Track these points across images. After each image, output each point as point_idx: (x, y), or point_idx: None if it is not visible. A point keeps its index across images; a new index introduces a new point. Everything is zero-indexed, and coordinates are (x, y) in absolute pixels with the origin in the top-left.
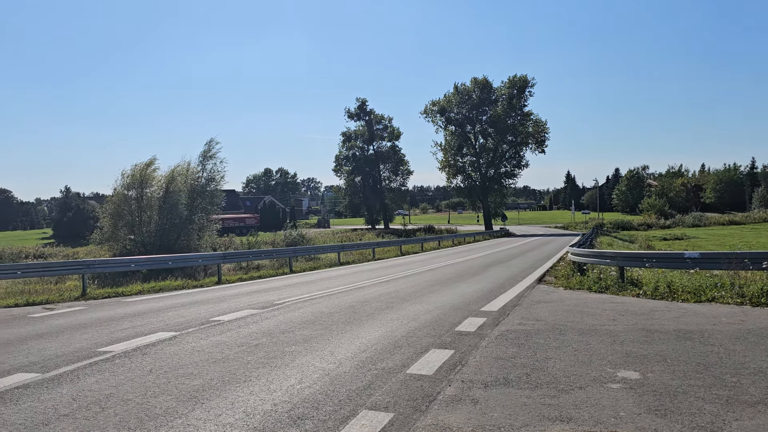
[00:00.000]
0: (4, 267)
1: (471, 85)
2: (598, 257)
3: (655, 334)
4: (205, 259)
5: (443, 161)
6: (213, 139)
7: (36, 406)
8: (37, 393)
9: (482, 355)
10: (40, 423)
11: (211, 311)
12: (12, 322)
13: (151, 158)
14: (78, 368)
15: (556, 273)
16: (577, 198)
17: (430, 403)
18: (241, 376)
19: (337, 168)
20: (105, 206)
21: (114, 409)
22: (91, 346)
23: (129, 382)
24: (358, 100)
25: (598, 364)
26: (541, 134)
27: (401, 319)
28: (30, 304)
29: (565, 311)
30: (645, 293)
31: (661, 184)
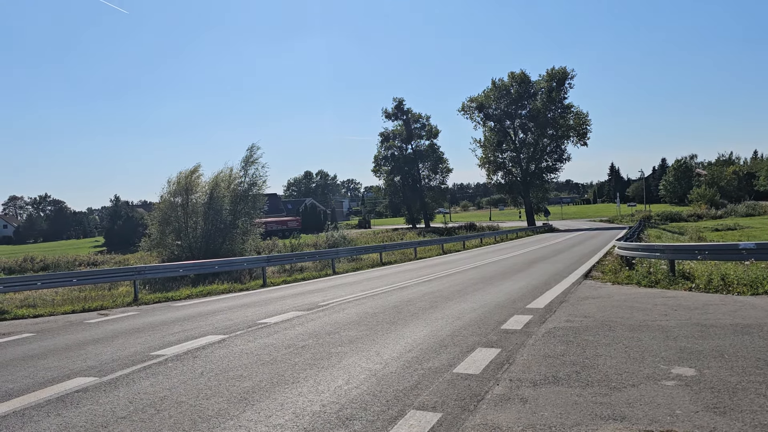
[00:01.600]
0: (60, 275)
1: (508, 79)
2: (647, 251)
3: (710, 328)
4: (250, 262)
5: (483, 158)
6: (254, 145)
7: (95, 408)
8: (95, 396)
9: (530, 353)
10: (99, 425)
11: (257, 314)
12: (70, 328)
13: (195, 166)
14: (133, 372)
15: (603, 268)
16: (621, 190)
17: (479, 402)
18: (288, 378)
19: (376, 168)
20: (153, 213)
21: (168, 411)
22: (144, 350)
23: (181, 384)
24: (395, 99)
25: (651, 361)
26: (582, 126)
27: (446, 318)
28: (86, 310)
29: (613, 307)
30: (698, 287)
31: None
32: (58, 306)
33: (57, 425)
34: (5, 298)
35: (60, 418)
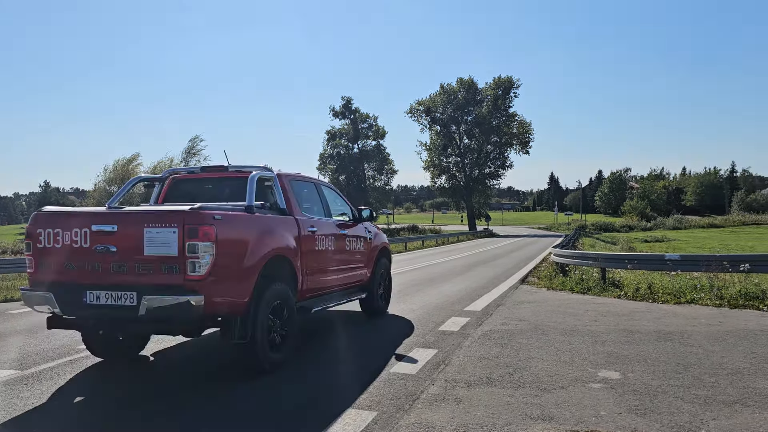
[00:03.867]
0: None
1: (457, 85)
2: (581, 258)
3: (635, 334)
4: None
5: (428, 161)
6: (197, 136)
7: (16, 403)
8: (16, 390)
9: (465, 355)
10: (20, 420)
11: None
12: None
13: (134, 154)
14: (58, 365)
15: (539, 274)
16: (560, 199)
17: (414, 401)
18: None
19: (321, 166)
20: (85, 202)
21: (95, 407)
22: (71, 343)
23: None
24: (343, 98)
25: (579, 364)
26: (525, 135)
27: (385, 318)
28: (8, 300)
29: (547, 312)
30: (626, 294)
31: (643, 186)
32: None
33: None
34: None
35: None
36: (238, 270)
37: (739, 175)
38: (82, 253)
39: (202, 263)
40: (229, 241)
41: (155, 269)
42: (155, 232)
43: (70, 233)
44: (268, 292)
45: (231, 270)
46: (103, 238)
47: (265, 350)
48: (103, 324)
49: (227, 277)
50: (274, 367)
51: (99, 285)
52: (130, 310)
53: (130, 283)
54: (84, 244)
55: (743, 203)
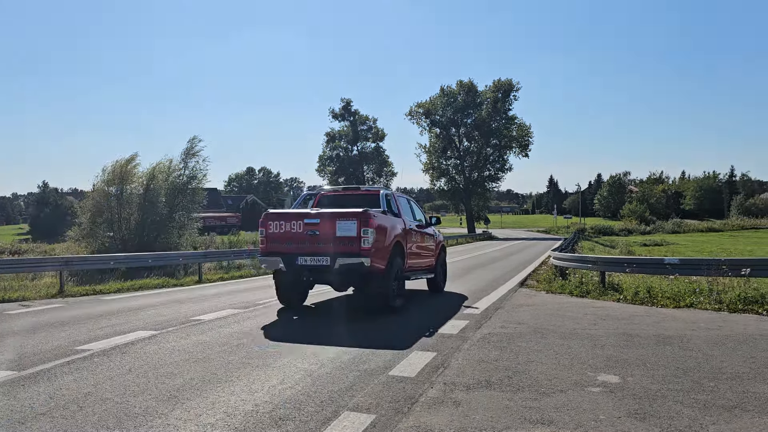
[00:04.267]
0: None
1: (457, 87)
2: (580, 262)
3: (635, 338)
4: (186, 257)
5: (427, 163)
6: (196, 137)
7: (12, 404)
8: (13, 391)
9: (464, 358)
10: (16, 421)
11: (192, 310)
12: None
13: (132, 155)
14: (55, 366)
15: (538, 277)
16: (559, 202)
17: (413, 404)
18: (222, 376)
19: (320, 168)
20: (84, 202)
21: (92, 408)
22: (69, 344)
23: (108, 381)
24: (343, 100)
25: (579, 368)
26: (525, 138)
27: (385, 320)
28: (5, 300)
29: (546, 315)
30: (625, 298)
31: (642, 190)
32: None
33: None
34: None
35: None
36: (383, 246)
37: (738, 179)
38: (297, 235)
39: (369, 240)
40: (380, 228)
41: (343, 244)
42: (343, 222)
43: (290, 224)
44: (394, 262)
45: (380, 245)
46: (311, 227)
47: (393, 297)
48: (310, 275)
49: (378, 249)
50: (396, 307)
51: (306, 253)
52: (326, 267)
53: (327, 252)
54: (299, 230)
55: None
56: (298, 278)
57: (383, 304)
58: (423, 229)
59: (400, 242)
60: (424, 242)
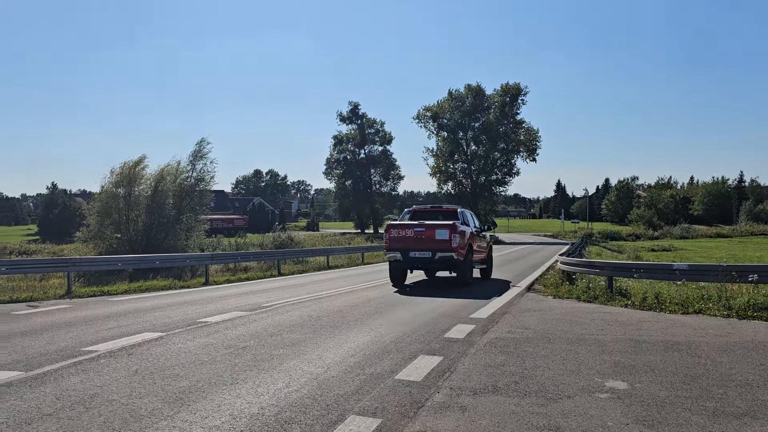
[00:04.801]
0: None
1: (464, 91)
2: (587, 267)
3: (643, 344)
4: (193, 259)
5: (434, 167)
6: (204, 139)
7: (19, 404)
8: (20, 392)
9: (471, 363)
10: (23, 422)
11: (198, 312)
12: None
13: (140, 156)
14: (62, 367)
15: (546, 282)
16: (566, 207)
17: (419, 409)
18: (228, 379)
19: (327, 171)
20: (92, 204)
21: (98, 409)
22: (75, 345)
23: (114, 382)
24: (351, 103)
25: (586, 374)
26: (532, 142)
27: (390, 324)
28: (13, 301)
29: (554, 320)
30: (633, 304)
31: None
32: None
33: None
34: None
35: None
36: (462, 245)
37: (747, 185)
38: (410, 238)
39: (456, 242)
40: (461, 234)
41: (439, 244)
42: (440, 231)
43: (404, 231)
44: (468, 256)
45: (461, 245)
46: (419, 233)
47: (469, 277)
48: (418, 263)
49: (460, 247)
50: (469, 283)
51: (416, 249)
52: (429, 258)
53: (429, 249)
54: (411, 235)
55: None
56: (408, 266)
57: (462, 281)
58: (480, 234)
59: (470, 242)
60: (481, 243)
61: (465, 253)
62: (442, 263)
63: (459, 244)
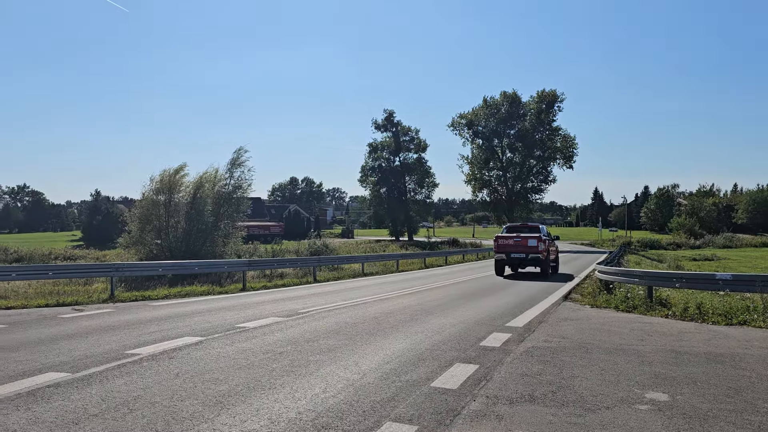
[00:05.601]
0: (36, 268)
1: (500, 98)
2: (626, 276)
3: (684, 356)
4: (231, 265)
5: (469, 174)
6: (242, 148)
7: (66, 405)
8: (67, 392)
9: (507, 371)
10: (70, 422)
11: (236, 318)
12: (43, 322)
13: (180, 164)
14: (107, 369)
15: (583, 291)
16: (604, 215)
17: (455, 417)
18: (265, 384)
19: (362, 179)
20: (134, 210)
21: (141, 411)
22: (119, 348)
23: (156, 385)
24: (386, 111)
25: (625, 385)
26: (569, 150)
27: (425, 331)
28: (60, 304)
29: (591, 329)
30: (674, 314)
31: (692, 203)
32: (31, 299)
33: (26, 419)
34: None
35: (30, 413)
36: (545, 249)
37: None
38: (510, 245)
39: (541, 247)
40: (543, 241)
41: (530, 249)
42: (531, 239)
43: (506, 240)
44: (548, 256)
45: (544, 248)
46: (517, 241)
47: (548, 270)
48: (516, 261)
49: (544, 250)
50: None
51: (515, 252)
52: (524, 257)
53: (524, 252)
54: (511, 243)
55: None
56: (509, 263)
57: (545, 273)
58: (552, 241)
59: (548, 247)
60: (552, 247)
61: (546, 254)
62: (531, 261)
63: (542, 248)
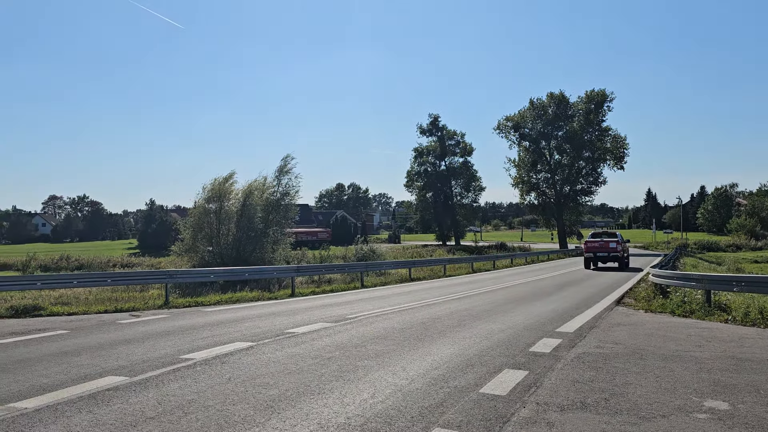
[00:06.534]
0: (96, 275)
1: (547, 100)
2: (682, 279)
3: (745, 362)
4: (280, 271)
5: (516, 177)
6: (289, 155)
7: (125, 407)
8: (125, 395)
9: (558, 378)
10: (128, 424)
11: (285, 323)
12: (102, 327)
13: (230, 173)
14: (162, 373)
15: (636, 295)
16: (658, 217)
17: (504, 424)
18: (315, 388)
19: (408, 184)
20: (186, 219)
21: (195, 414)
22: (174, 352)
23: (209, 389)
24: (431, 116)
25: (682, 392)
26: (620, 150)
27: (473, 337)
28: (118, 310)
29: (645, 335)
30: (734, 319)
31: (752, 203)
32: (91, 305)
33: (88, 421)
34: (41, 294)
35: (91, 415)
36: (622, 248)
37: None
38: (596, 246)
39: (619, 248)
40: (620, 243)
41: (612, 248)
42: (612, 243)
43: (594, 243)
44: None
45: (621, 248)
46: (601, 243)
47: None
48: (600, 258)
49: (622, 250)
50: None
51: (600, 251)
52: (606, 256)
53: (606, 251)
54: (597, 245)
55: None
56: (595, 260)
57: (622, 267)
58: (625, 243)
59: (623, 247)
60: (626, 247)
61: (622, 253)
62: (612, 258)
63: (619, 249)
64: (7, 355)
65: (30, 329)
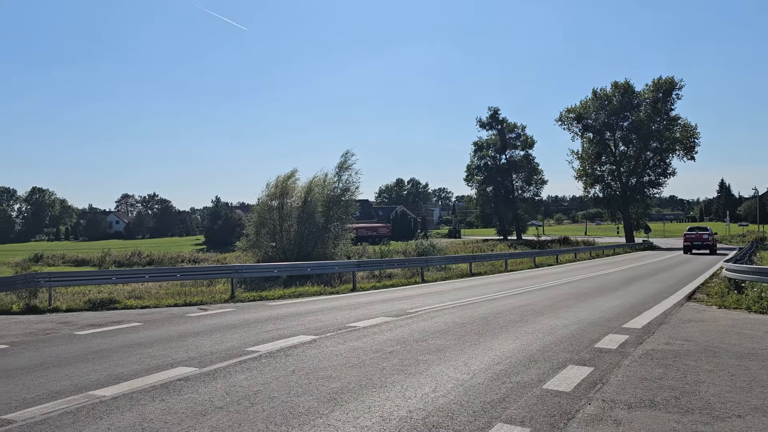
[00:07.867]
0: (166, 270)
1: (611, 89)
2: (760, 274)
3: None
4: (341, 266)
5: (580, 170)
6: (349, 151)
7: (195, 397)
8: (195, 386)
9: (625, 374)
10: (198, 413)
11: (347, 317)
12: (173, 320)
13: (292, 170)
14: (230, 365)
15: (708, 290)
16: (732, 209)
17: (569, 420)
18: (377, 382)
19: (468, 178)
20: (250, 215)
21: (261, 405)
22: (240, 345)
23: (274, 380)
24: (490, 109)
25: (759, 392)
26: (690, 140)
27: (536, 332)
28: (187, 304)
29: (719, 332)
30: None
31: None
32: (162, 299)
33: (161, 410)
34: (115, 288)
35: (164, 404)
36: (712, 240)
37: None
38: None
39: (710, 239)
40: (711, 235)
41: (704, 239)
42: (704, 235)
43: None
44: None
45: (712, 239)
46: (697, 235)
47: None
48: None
49: (711, 241)
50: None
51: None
52: (700, 244)
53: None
54: (694, 237)
55: None
56: (692, 248)
57: (712, 253)
58: (713, 234)
59: (713, 238)
60: (715, 237)
61: (712, 242)
62: (705, 247)
63: (710, 240)
64: (86, 345)
65: (106, 321)
